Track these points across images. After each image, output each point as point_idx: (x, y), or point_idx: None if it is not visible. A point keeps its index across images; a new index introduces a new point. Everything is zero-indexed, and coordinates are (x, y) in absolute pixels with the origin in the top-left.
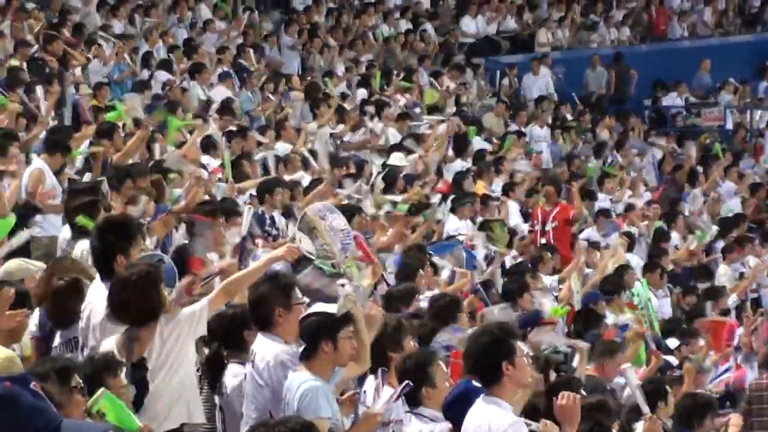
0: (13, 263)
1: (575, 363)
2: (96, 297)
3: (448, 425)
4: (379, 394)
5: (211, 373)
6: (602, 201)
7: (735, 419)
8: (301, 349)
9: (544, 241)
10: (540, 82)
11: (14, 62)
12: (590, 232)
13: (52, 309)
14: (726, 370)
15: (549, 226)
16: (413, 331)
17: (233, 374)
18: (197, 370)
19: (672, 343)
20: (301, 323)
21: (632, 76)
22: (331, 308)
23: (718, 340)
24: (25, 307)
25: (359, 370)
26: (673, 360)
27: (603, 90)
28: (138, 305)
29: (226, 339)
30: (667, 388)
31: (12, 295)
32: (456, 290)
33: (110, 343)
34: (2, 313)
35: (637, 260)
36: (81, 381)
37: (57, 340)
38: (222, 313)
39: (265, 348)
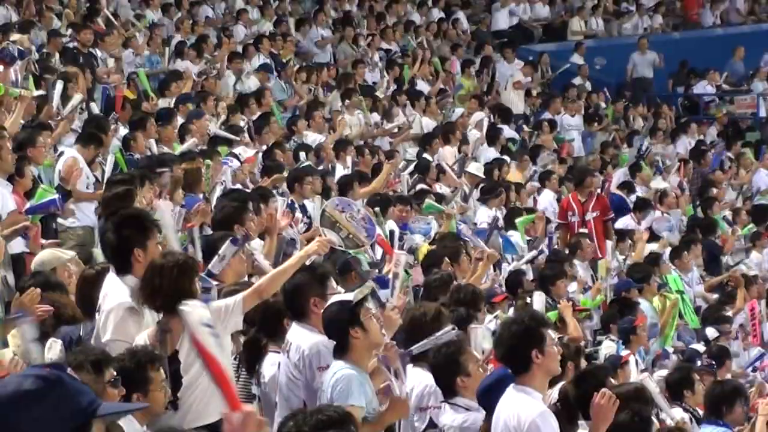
0: (47, 253)
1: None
2: (109, 290)
3: (480, 415)
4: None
5: (249, 360)
6: (638, 191)
7: (763, 406)
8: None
9: (585, 230)
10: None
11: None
12: (627, 221)
13: (81, 295)
14: (762, 355)
15: (589, 216)
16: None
17: (272, 363)
18: (234, 359)
19: (710, 332)
20: (322, 320)
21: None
22: (346, 296)
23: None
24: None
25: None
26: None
27: (651, 74)
28: (168, 292)
29: (264, 326)
30: (695, 376)
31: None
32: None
33: (143, 337)
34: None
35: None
36: (115, 374)
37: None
38: (265, 301)
39: (300, 338)
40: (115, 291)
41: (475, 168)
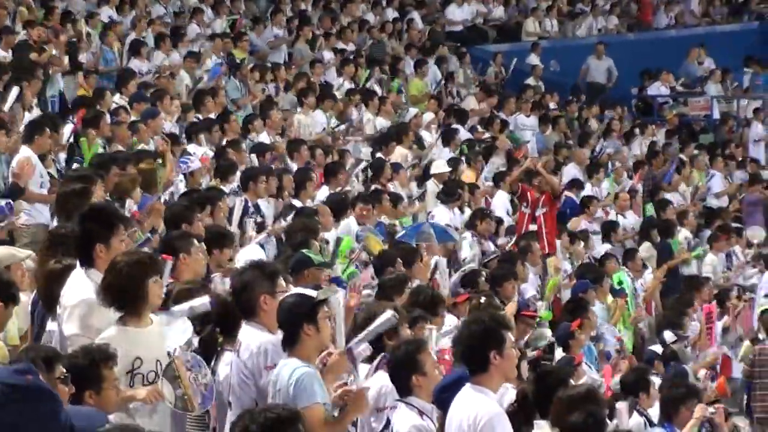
0: (2, 249)
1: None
2: (73, 284)
3: (432, 425)
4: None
5: (204, 359)
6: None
7: (699, 410)
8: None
9: (534, 227)
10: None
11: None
12: (584, 223)
13: (43, 291)
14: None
15: (539, 212)
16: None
17: (227, 362)
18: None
19: (668, 336)
20: (279, 307)
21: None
22: (307, 291)
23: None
24: (9, 297)
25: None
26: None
27: (604, 80)
28: (123, 291)
29: (221, 325)
30: (651, 378)
31: None
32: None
33: (108, 334)
34: None
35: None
36: (65, 371)
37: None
38: (220, 298)
39: (249, 337)
40: (79, 286)
41: (440, 166)
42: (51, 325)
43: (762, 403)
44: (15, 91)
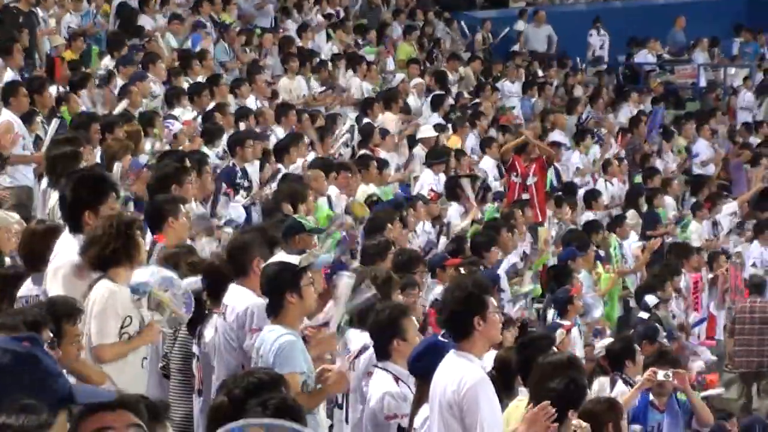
0: None
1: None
2: (61, 248)
3: (409, 391)
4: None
5: (191, 320)
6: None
7: (647, 375)
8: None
9: (526, 196)
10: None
11: None
12: (589, 214)
13: (26, 248)
14: (701, 321)
15: (530, 181)
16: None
17: (213, 325)
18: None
19: (651, 300)
20: (262, 275)
21: None
22: (290, 258)
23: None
24: None
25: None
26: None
27: (543, 47)
28: (106, 248)
29: (209, 288)
30: (636, 347)
31: None
32: None
33: (105, 293)
34: None
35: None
36: (52, 335)
37: (24, 291)
38: (210, 262)
39: (236, 299)
40: (66, 249)
41: (427, 131)
42: (27, 289)
43: (744, 358)
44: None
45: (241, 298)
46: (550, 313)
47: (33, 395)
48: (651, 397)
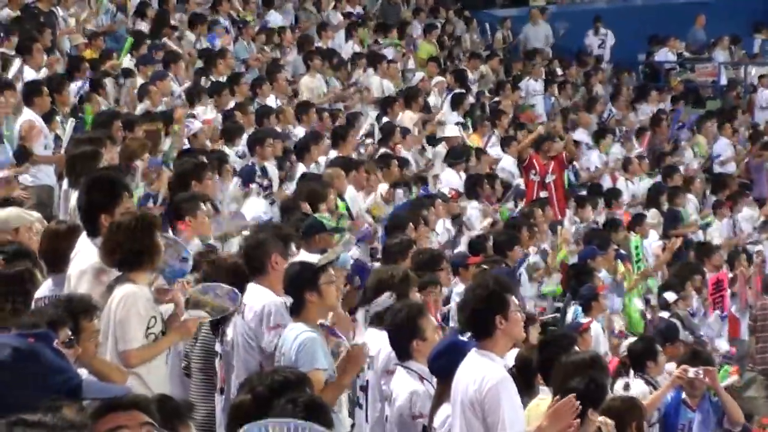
0: (13, 211)
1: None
2: (81, 250)
3: (430, 388)
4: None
5: (215, 321)
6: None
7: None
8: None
9: (544, 194)
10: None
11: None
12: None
13: (48, 248)
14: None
15: (549, 179)
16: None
17: (234, 324)
18: None
19: (670, 296)
20: (284, 275)
21: None
22: (311, 258)
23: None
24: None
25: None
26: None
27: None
28: (127, 248)
29: (235, 286)
30: (658, 347)
31: None
32: None
33: (134, 293)
34: None
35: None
36: (70, 333)
37: (45, 291)
38: (234, 262)
39: (254, 298)
40: (87, 252)
41: (451, 130)
42: (47, 289)
43: (764, 355)
44: (17, 63)
45: (258, 297)
46: (571, 311)
47: (31, 390)
48: (683, 395)
